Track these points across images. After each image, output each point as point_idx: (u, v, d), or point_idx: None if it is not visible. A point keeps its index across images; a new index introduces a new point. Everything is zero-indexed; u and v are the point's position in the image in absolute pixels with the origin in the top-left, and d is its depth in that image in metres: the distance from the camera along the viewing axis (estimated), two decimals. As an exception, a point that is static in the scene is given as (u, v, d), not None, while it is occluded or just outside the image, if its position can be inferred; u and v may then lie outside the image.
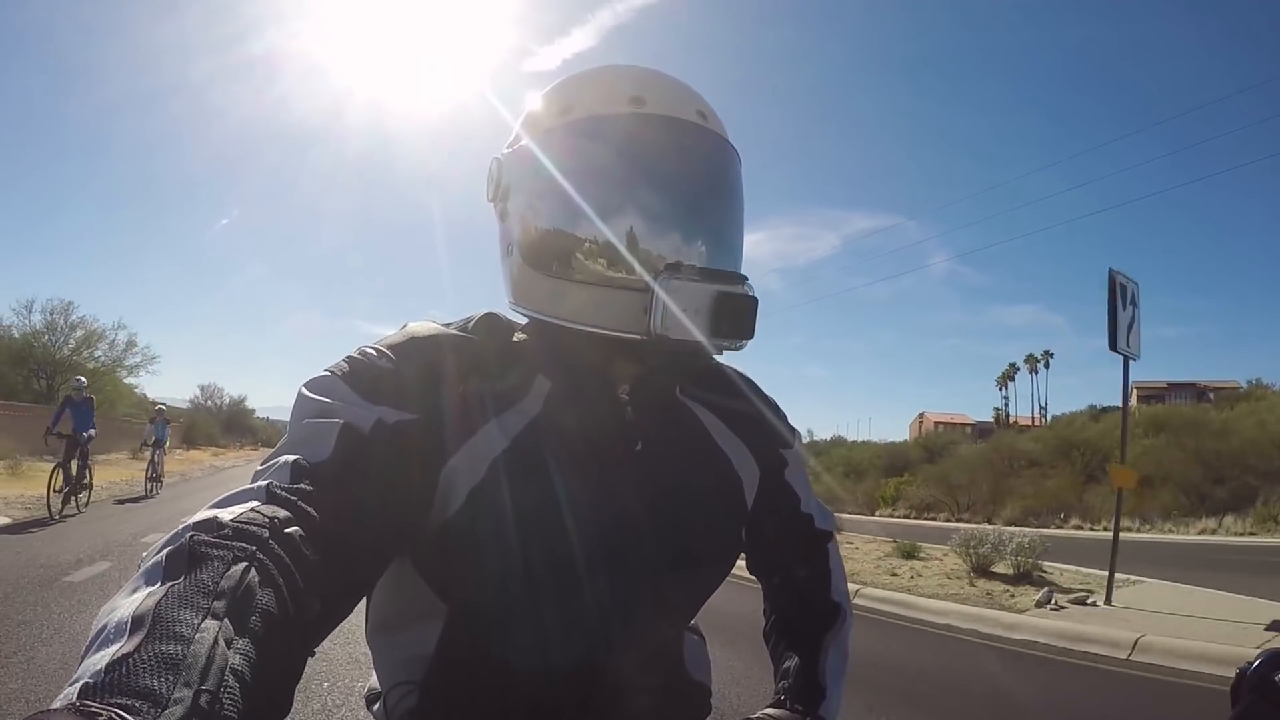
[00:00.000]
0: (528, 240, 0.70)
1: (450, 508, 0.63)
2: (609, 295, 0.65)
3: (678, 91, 0.71)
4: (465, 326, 0.71)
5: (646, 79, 0.71)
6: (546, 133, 0.69)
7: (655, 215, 0.65)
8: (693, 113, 0.69)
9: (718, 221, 0.69)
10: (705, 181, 0.69)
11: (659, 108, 0.68)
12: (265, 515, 0.47)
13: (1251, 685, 0.58)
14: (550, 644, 0.67)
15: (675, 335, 0.63)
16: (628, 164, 0.66)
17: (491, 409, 0.66)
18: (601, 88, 0.70)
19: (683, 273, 0.64)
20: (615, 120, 0.67)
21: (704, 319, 0.63)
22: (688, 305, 0.63)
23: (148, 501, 12.67)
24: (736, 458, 0.79)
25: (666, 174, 0.67)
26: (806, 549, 0.89)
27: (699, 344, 0.64)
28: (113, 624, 0.37)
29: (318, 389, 0.61)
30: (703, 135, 0.69)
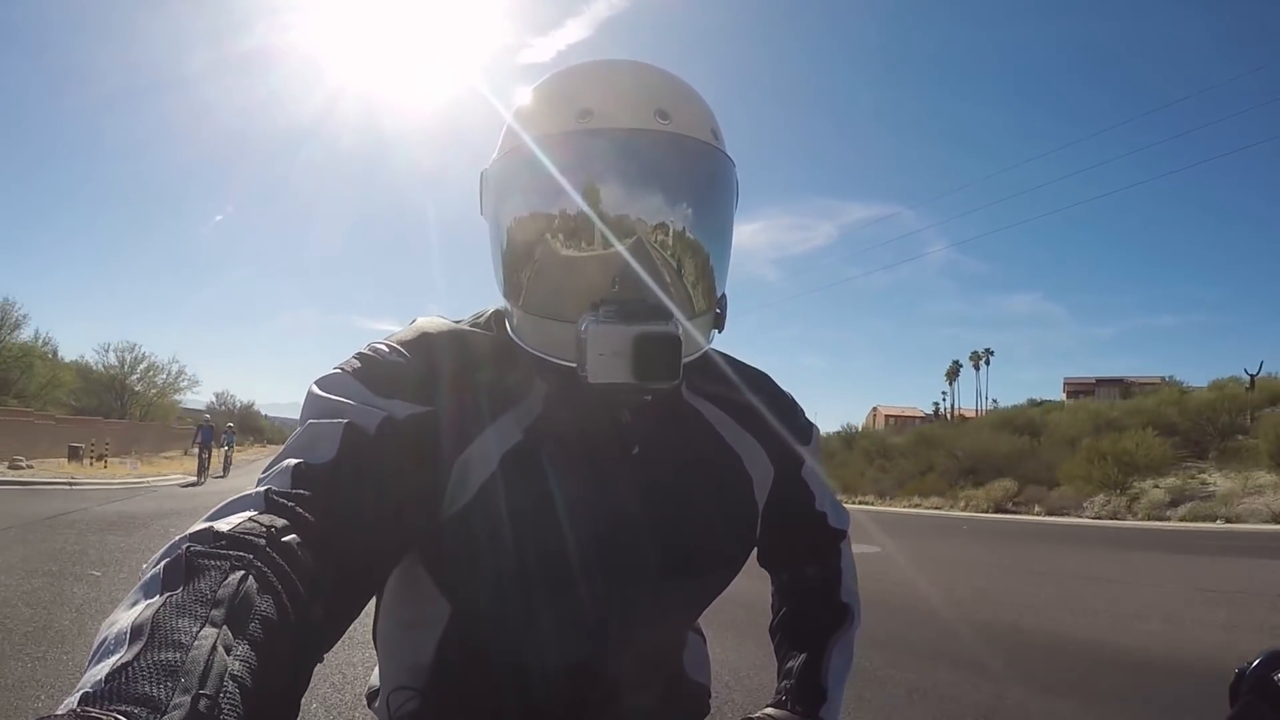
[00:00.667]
0: (494, 264, 0.70)
1: (461, 500, 0.63)
2: (550, 326, 0.65)
3: (637, 91, 0.66)
4: (475, 323, 0.70)
5: (601, 85, 0.67)
6: (506, 154, 0.68)
7: (585, 245, 0.63)
8: (649, 115, 0.64)
9: (660, 243, 0.64)
10: (649, 199, 0.64)
11: (606, 119, 0.64)
12: (262, 524, 0.47)
13: (1250, 685, 0.58)
14: (551, 645, 0.66)
15: (594, 379, 0.60)
16: (563, 189, 0.63)
17: (502, 404, 0.66)
18: (554, 101, 0.67)
19: (601, 313, 0.60)
20: (560, 140, 0.64)
21: (625, 361, 0.59)
22: (605, 349, 0.59)
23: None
24: (747, 455, 0.77)
25: (602, 196, 0.63)
26: (819, 547, 0.88)
27: (622, 385, 0.60)
28: (112, 636, 0.37)
29: (328, 387, 0.60)
30: (658, 141, 0.64)
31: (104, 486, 15.31)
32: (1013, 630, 5.32)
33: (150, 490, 15.69)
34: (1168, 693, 3.90)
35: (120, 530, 8.53)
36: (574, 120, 0.64)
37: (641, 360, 0.59)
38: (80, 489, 14.26)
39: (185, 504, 12.19)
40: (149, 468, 22.14)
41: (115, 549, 7.11)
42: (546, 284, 0.65)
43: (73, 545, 7.13)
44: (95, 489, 14.57)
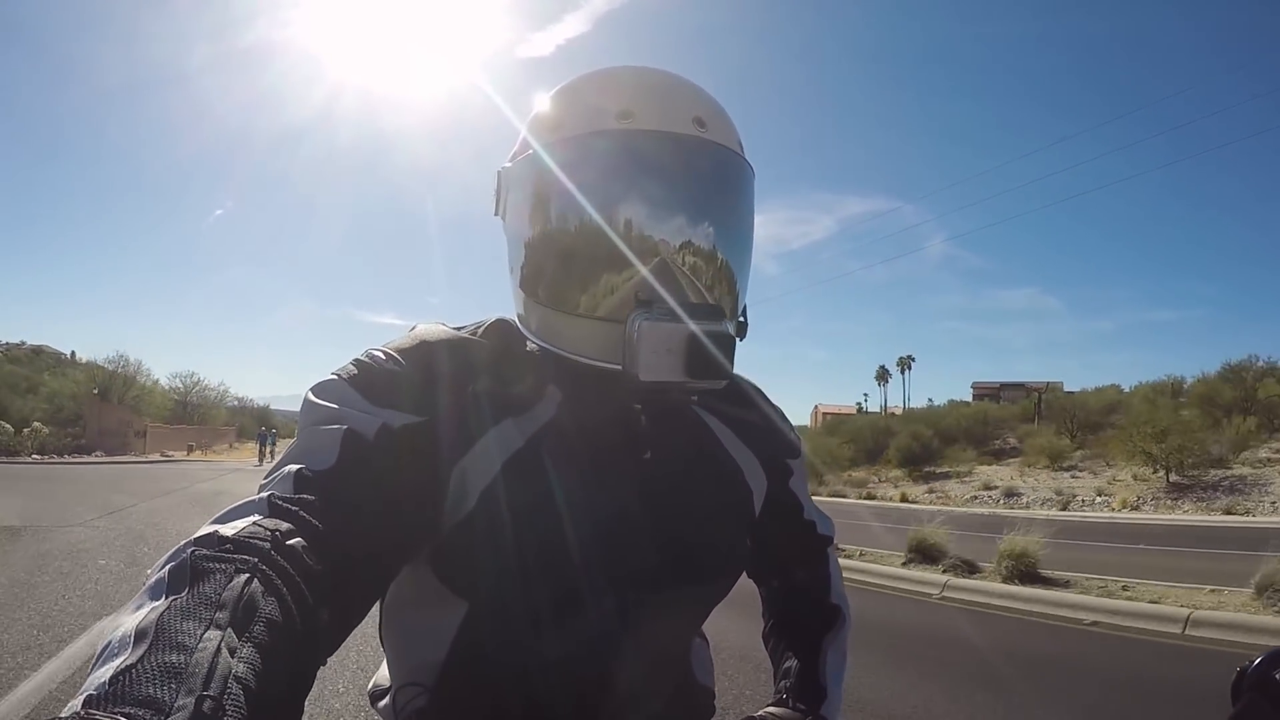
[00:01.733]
0: (519, 262, 0.69)
1: (462, 509, 0.62)
2: (588, 326, 0.64)
3: (674, 98, 0.66)
4: (476, 332, 0.70)
5: (641, 87, 0.67)
6: (536, 151, 0.67)
7: (633, 243, 0.62)
8: (688, 122, 0.65)
9: (705, 247, 0.64)
10: (693, 202, 0.65)
11: (648, 121, 0.64)
12: (267, 528, 0.47)
13: (1252, 683, 0.58)
14: (563, 651, 0.66)
15: (645, 376, 0.60)
16: (607, 188, 0.63)
17: (502, 412, 0.65)
18: (592, 100, 0.67)
19: (655, 311, 0.60)
20: (600, 139, 0.64)
21: (678, 359, 0.60)
22: (660, 346, 0.59)
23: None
24: (747, 468, 0.78)
25: (648, 197, 0.63)
26: (808, 554, 0.90)
27: (673, 384, 0.61)
28: (116, 639, 0.37)
29: (324, 394, 0.60)
30: (696, 148, 0.65)
31: (216, 464, 28.18)
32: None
33: (243, 469, 24.91)
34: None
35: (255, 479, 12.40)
36: (614, 120, 0.64)
37: (695, 358, 0.60)
38: (212, 465, 26.79)
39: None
40: (219, 456, 35.35)
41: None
42: (584, 283, 0.64)
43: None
44: (210, 465, 27.13)
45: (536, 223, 0.66)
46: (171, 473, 21.23)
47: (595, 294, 0.63)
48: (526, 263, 0.68)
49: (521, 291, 0.69)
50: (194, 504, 12.24)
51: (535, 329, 0.68)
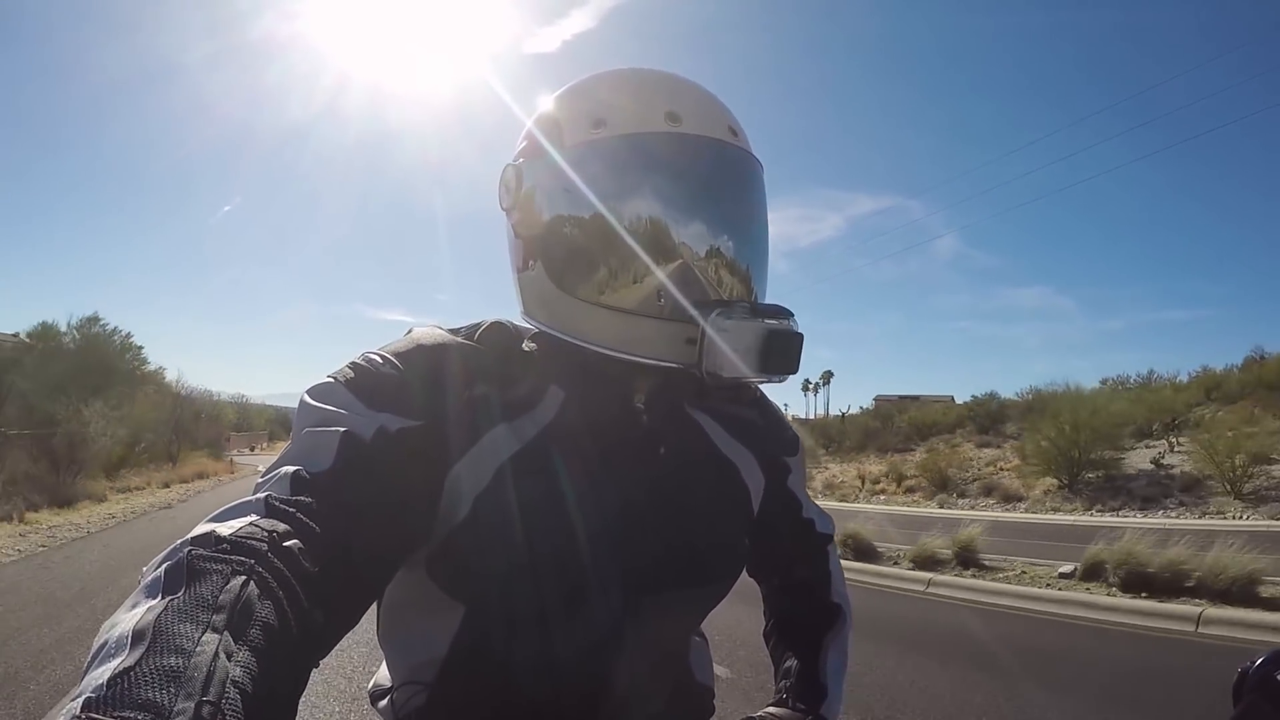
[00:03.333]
0: (553, 258, 0.67)
1: (457, 514, 0.62)
2: (647, 325, 0.64)
3: (711, 106, 0.68)
4: (472, 335, 0.69)
5: (680, 92, 0.68)
6: (579, 147, 0.66)
7: (698, 245, 0.64)
8: (725, 130, 0.67)
9: (757, 249, 0.68)
10: (743, 207, 0.68)
11: (696, 126, 0.66)
12: (263, 529, 0.47)
13: (1253, 684, 0.58)
14: (561, 649, 0.66)
15: (728, 374, 0.62)
16: (665, 189, 0.64)
17: (499, 415, 0.65)
18: (636, 100, 0.67)
19: (734, 311, 0.63)
20: (653, 140, 0.65)
21: (753, 356, 0.62)
22: (738, 344, 0.62)
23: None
24: (744, 467, 0.78)
25: (707, 200, 0.65)
26: (808, 553, 0.90)
27: (751, 380, 0.63)
28: (113, 639, 0.37)
29: (320, 396, 0.60)
30: (736, 156, 0.67)
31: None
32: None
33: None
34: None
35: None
36: (664, 121, 0.65)
37: (769, 355, 0.62)
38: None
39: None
40: (273, 454, 43.49)
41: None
42: (647, 281, 0.64)
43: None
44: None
45: (587, 219, 0.65)
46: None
47: (662, 296, 0.64)
48: (571, 260, 0.66)
49: (552, 285, 0.67)
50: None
51: (561, 322, 0.67)
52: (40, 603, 5.58)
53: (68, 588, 6.16)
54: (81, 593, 5.95)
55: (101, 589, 6.07)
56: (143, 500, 15.20)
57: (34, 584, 6.34)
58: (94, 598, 5.73)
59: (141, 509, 13.58)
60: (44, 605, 5.49)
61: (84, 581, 6.42)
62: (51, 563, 7.45)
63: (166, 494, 17.40)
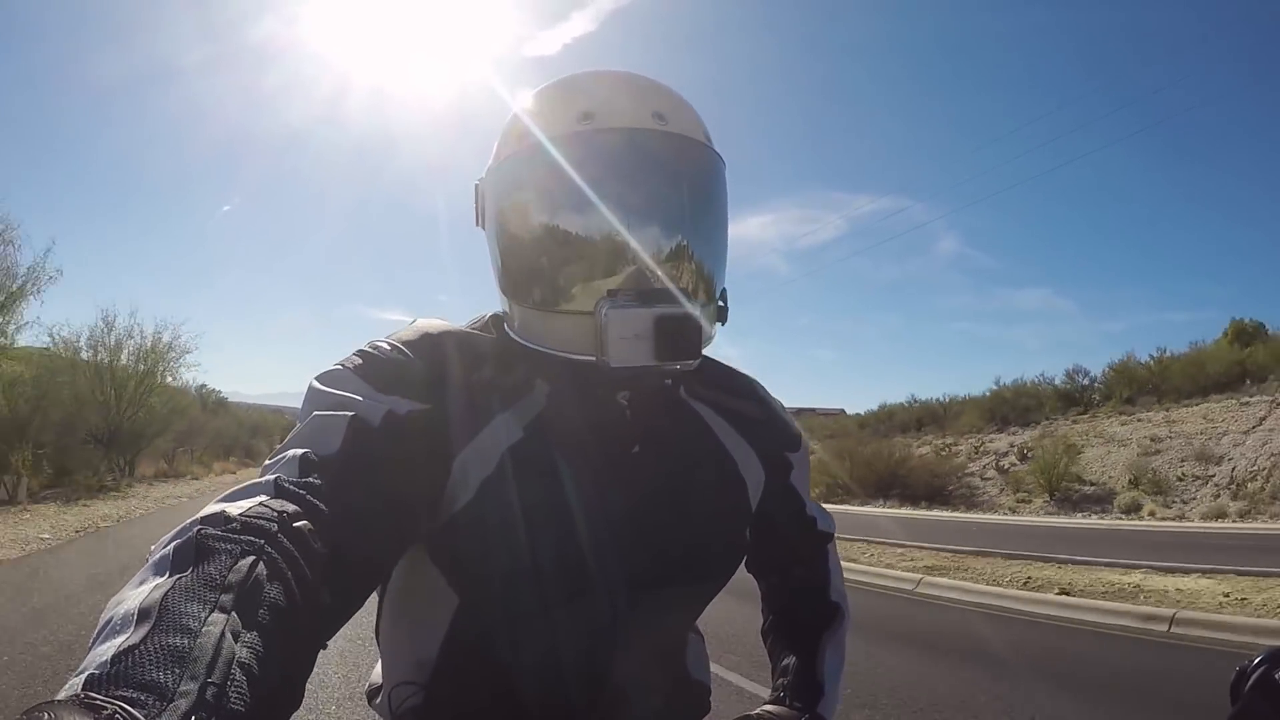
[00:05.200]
0: (498, 268, 0.71)
1: (462, 498, 0.63)
2: (563, 320, 0.66)
3: (633, 96, 0.69)
4: (474, 327, 0.71)
5: (600, 89, 0.69)
6: (507, 160, 0.70)
7: (599, 236, 0.65)
8: (647, 117, 0.67)
9: (668, 234, 0.66)
10: (655, 193, 0.66)
11: (607, 120, 0.66)
12: (273, 509, 0.46)
13: (1252, 683, 0.58)
14: (557, 643, 0.66)
15: (617, 363, 0.62)
16: (572, 187, 0.65)
17: (502, 402, 0.66)
18: (554, 107, 0.69)
19: (620, 299, 0.63)
20: (562, 142, 0.66)
21: (646, 343, 0.62)
22: (628, 332, 0.62)
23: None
24: (742, 461, 0.78)
25: (610, 192, 0.65)
26: (808, 550, 0.90)
27: (645, 368, 0.63)
28: (119, 616, 0.37)
29: (329, 381, 0.60)
30: (657, 141, 0.66)
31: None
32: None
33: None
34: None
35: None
36: (576, 122, 0.66)
37: (663, 341, 0.62)
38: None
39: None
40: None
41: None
42: (556, 279, 0.66)
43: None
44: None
45: (509, 227, 0.69)
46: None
47: (566, 290, 0.66)
48: (504, 266, 0.70)
49: (502, 294, 0.71)
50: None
51: (518, 329, 0.70)
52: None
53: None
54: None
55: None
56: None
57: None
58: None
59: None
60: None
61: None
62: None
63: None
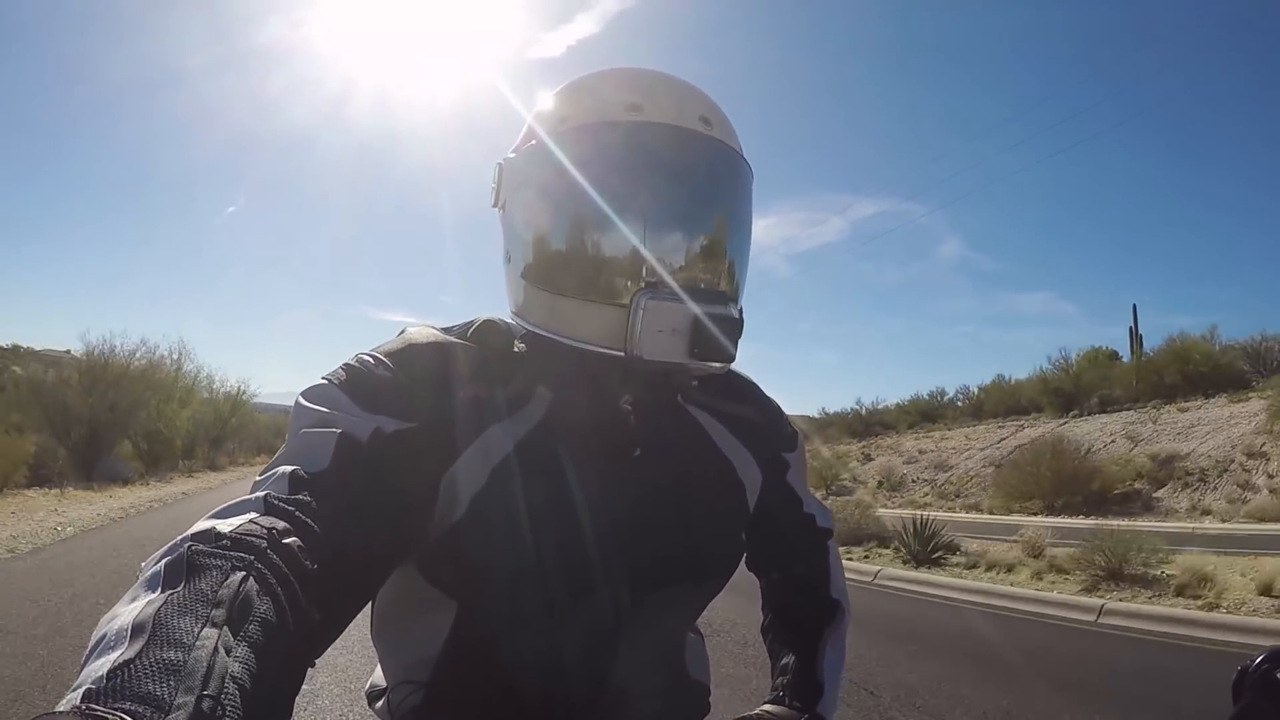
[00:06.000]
0: (521, 251, 0.69)
1: (453, 515, 0.63)
2: (593, 310, 0.64)
3: (681, 97, 0.68)
4: (464, 334, 0.70)
5: (648, 84, 0.69)
6: (541, 141, 0.68)
7: (641, 228, 0.64)
8: (694, 119, 0.67)
9: (709, 235, 0.66)
10: (699, 193, 0.66)
11: (656, 114, 0.66)
12: (263, 526, 0.47)
13: (1253, 682, 0.58)
14: (558, 644, 0.67)
15: (650, 356, 0.61)
16: (616, 175, 0.64)
17: (493, 416, 0.66)
18: (600, 94, 0.68)
19: (660, 292, 0.62)
20: (609, 129, 0.65)
21: (682, 339, 0.61)
22: (665, 325, 0.61)
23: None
24: (740, 464, 0.78)
25: (655, 185, 0.64)
26: (808, 548, 0.89)
27: (677, 365, 0.62)
28: (113, 632, 0.37)
29: (315, 398, 0.60)
30: (702, 144, 0.66)
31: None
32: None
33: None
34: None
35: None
36: (624, 112, 0.66)
37: (699, 339, 0.61)
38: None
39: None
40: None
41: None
42: (593, 268, 0.65)
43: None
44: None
45: (544, 210, 0.67)
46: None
47: (602, 279, 0.64)
48: (534, 250, 0.68)
49: (523, 280, 0.69)
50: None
51: (538, 317, 0.68)
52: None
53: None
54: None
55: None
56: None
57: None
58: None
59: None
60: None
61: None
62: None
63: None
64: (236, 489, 0.59)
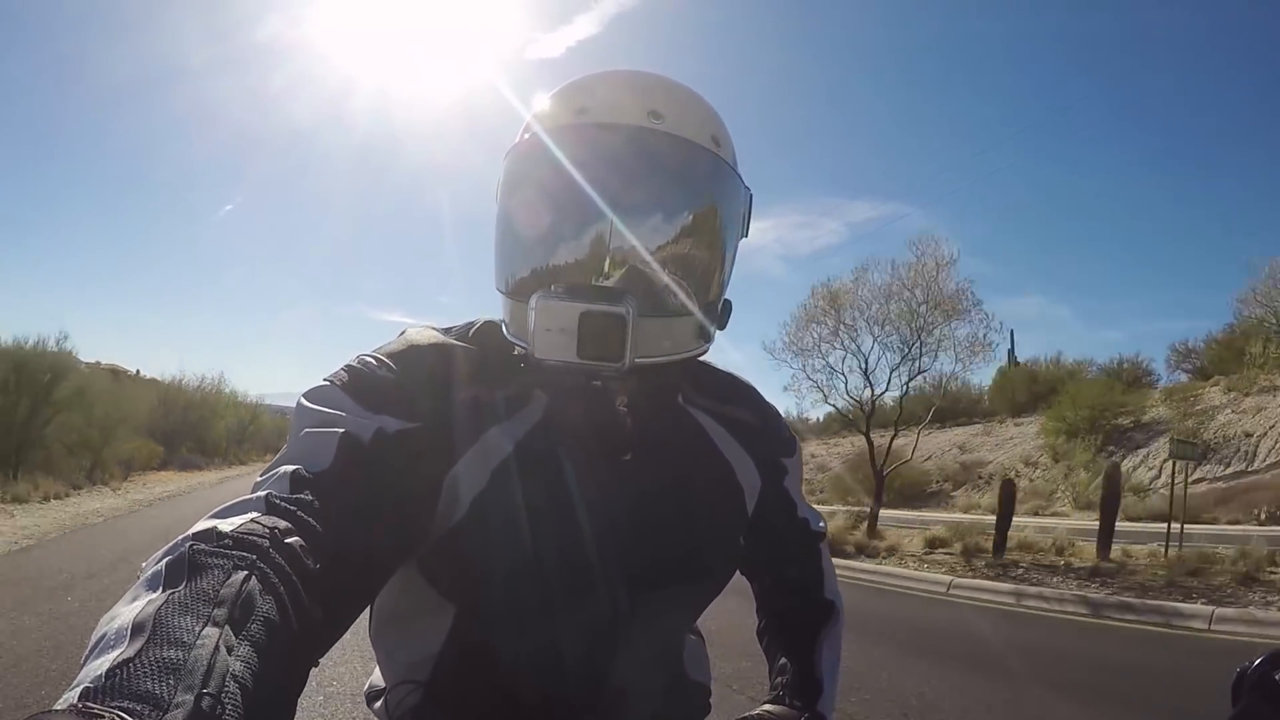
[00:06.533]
0: (496, 254, 0.72)
1: (454, 515, 0.63)
2: (520, 310, 0.66)
3: (634, 93, 0.68)
4: (465, 334, 0.70)
5: (602, 85, 0.69)
6: (514, 150, 0.71)
7: (557, 229, 0.65)
8: (642, 115, 0.66)
9: (641, 232, 0.64)
10: (628, 188, 0.64)
11: (599, 115, 0.66)
12: (265, 525, 0.47)
13: (1252, 684, 0.58)
14: (554, 647, 0.67)
15: (542, 355, 0.61)
16: (551, 179, 0.65)
17: (493, 416, 0.66)
18: (559, 100, 0.70)
19: (552, 291, 0.61)
20: (554, 134, 0.66)
21: (570, 339, 0.60)
22: (553, 324, 0.60)
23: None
24: (739, 467, 0.79)
25: (577, 184, 0.64)
26: (802, 551, 0.90)
27: (569, 364, 0.61)
28: (113, 630, 0.37)
29: (317, 399, 0.60)
30: (645, 138, 0.65)
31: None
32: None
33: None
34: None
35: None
36: (571, 115, 0.67)
37: (586, 338, 0.60)
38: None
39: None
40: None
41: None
42: (515, 268, 0.68)
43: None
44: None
45: (500, 218, 0.71)
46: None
47: (524, 281, 0.66)
48: (495, 256, 0.71)
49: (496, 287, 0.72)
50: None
51: (505, 319, 0.70)
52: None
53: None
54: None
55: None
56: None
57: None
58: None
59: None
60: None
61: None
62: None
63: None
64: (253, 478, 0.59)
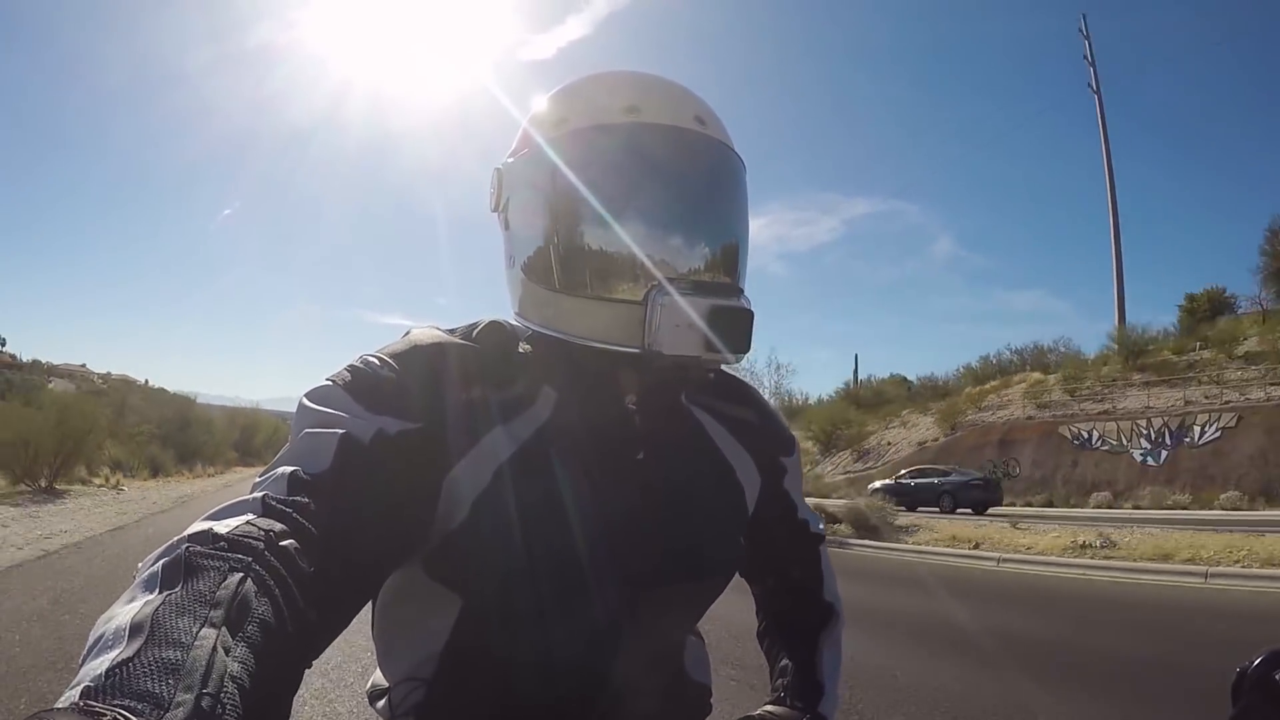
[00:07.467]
0: (526, 253, 0.70)
1: (455, 516, 0.63)
2: (606, 309, 0.65)
3: (675, 97, 0.70)
4: (469, 334, 0.70)
5: (643, 86, 0.70)
6: (542, 144, 0.69)
7: (649, 227, 0.65)
8: (690, 119, 0.68)
9: (715, 230, 0.68)
10: (702, 189, 0.68)
11: (654, 115, 0.67)
12: (260, 528, 0.47)
13: (1252, 683, 0.58)
14: (557, 646, 0.67)
15: (669, 351, 0.62)
16: (621, 175, 0.65)
17: (496, 417, 0.66)
18: (597, 97, 0.69)
19: (675, 287, 0.63)
20: (609, 130, 0.66)
21: (697, 334, 0.62)
22: (680, 320, 0.62)
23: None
24: (740, 466, 0.79)
25: (661, 184, 0.66)
26: (802, 552, 0.90)
27: (694, 358, 0.63)
28: (111, 631, 0.37)
29: (318, 399, 0.60)
30: (700, 142, 0.68)
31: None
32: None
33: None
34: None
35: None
36: (621, 113, 0.67)
37: (715, 332, 0.63)
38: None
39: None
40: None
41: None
42: (603, 266, 0.65)
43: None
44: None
45: (549, 213, 0.68)
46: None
47: (613, 278, 0.65)
48: (540, 252, 0.69)
49: (530, 282, 0.70)
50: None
51: (542, 318, 0.69)
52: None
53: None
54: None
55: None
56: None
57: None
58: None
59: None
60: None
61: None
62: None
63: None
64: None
